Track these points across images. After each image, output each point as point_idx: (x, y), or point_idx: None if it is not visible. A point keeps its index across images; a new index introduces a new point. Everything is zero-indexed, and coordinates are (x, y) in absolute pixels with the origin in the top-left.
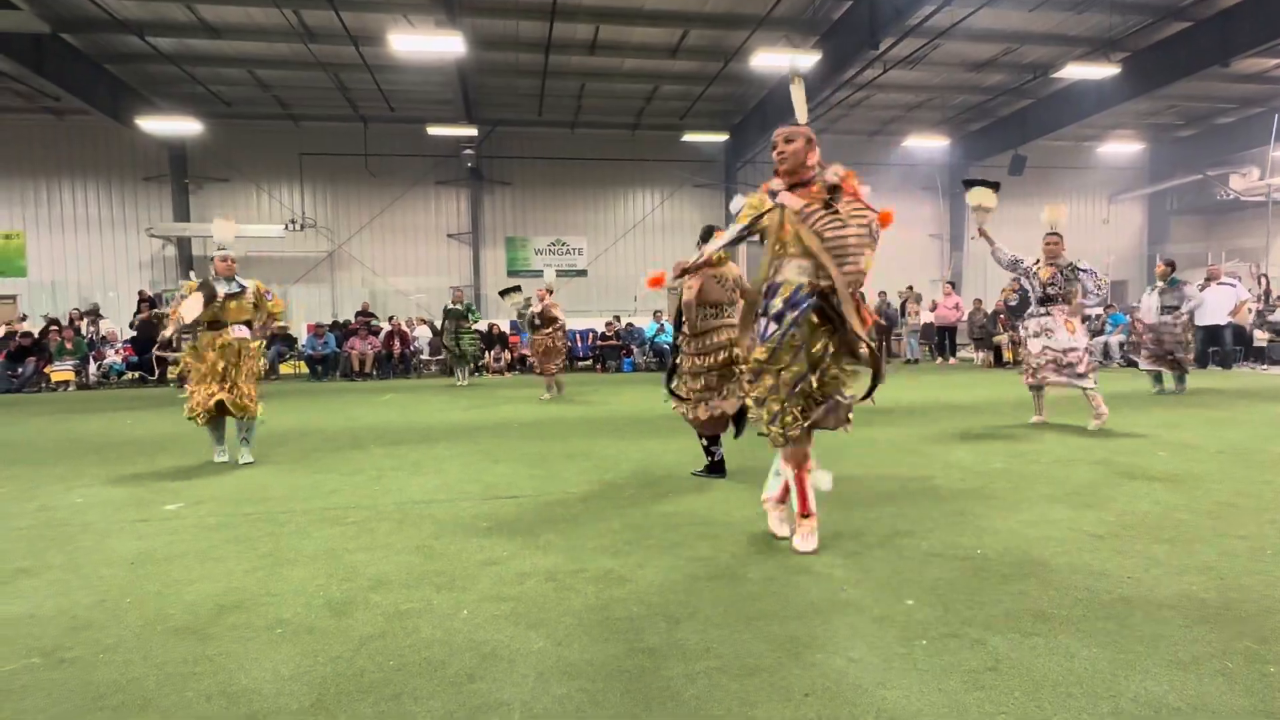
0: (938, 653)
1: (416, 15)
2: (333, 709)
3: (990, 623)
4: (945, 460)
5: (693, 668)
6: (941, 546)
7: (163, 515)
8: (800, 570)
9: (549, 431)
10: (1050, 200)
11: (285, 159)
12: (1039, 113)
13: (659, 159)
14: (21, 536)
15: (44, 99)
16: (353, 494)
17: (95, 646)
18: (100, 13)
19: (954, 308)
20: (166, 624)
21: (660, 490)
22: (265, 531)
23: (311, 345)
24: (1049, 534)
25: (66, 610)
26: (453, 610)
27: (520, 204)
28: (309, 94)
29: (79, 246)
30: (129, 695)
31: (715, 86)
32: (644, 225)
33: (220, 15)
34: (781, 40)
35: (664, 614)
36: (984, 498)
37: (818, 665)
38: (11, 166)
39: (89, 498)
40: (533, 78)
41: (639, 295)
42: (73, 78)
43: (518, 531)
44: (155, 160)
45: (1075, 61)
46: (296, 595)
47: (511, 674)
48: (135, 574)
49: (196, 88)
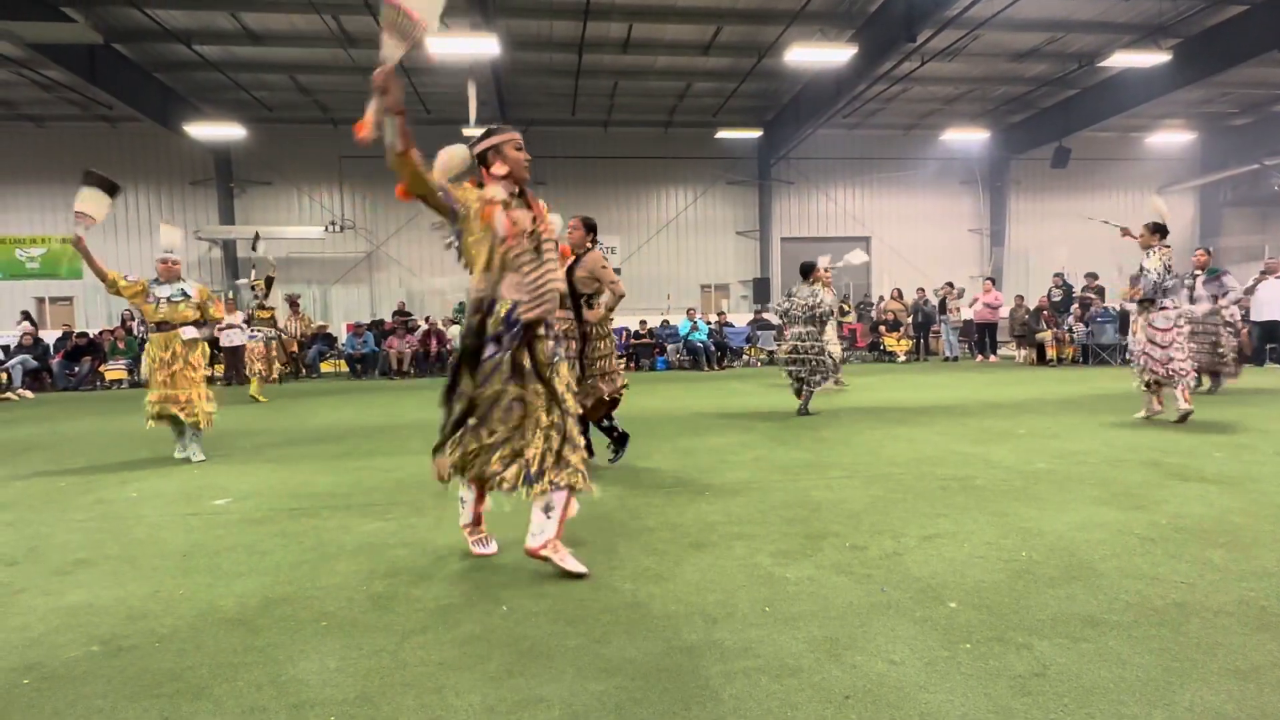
0: (982, 657)
1: (452, 18)
2: (377, 701)
3: (1037, 627)
4: (986, 460)
5: (731, 667)
6: (984, 548)
7: (212, 509)
8: (838, 571)
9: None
10: (1095, 193)
11: (325, 162)
12: (1084, 103)
13: (692, 157)
14: (80, 528)
15: (98, 107)
16: (393, 490)
17: (151, 636)
18: (150, 23)
19: (995, 304)
20: (217, 615)
21: (695, 489)
22: (309, 526)
23: (351, 344)
24: (1097, 537)
25: (123, 600)
26: (492, 606)
27: (554, 203)
28: (348, 98)
29: (130, 249)
30: (183, 683)
31: (748, 83)
32: (677, 223)
33: (263, 23)
34: (816, 34)
35: (701, 613)
36: (1028, 499)
37: (858, 667)
38: (68, 173)
39: (142, 491)
40: (566, 77)
41: (671, 294)
42: (124, 86)
43: None
44: (202, 165)
45: (1123, 49)
46: (340, 589)
47: (550, 670)
48: (187, 566)
49: (240, 94)
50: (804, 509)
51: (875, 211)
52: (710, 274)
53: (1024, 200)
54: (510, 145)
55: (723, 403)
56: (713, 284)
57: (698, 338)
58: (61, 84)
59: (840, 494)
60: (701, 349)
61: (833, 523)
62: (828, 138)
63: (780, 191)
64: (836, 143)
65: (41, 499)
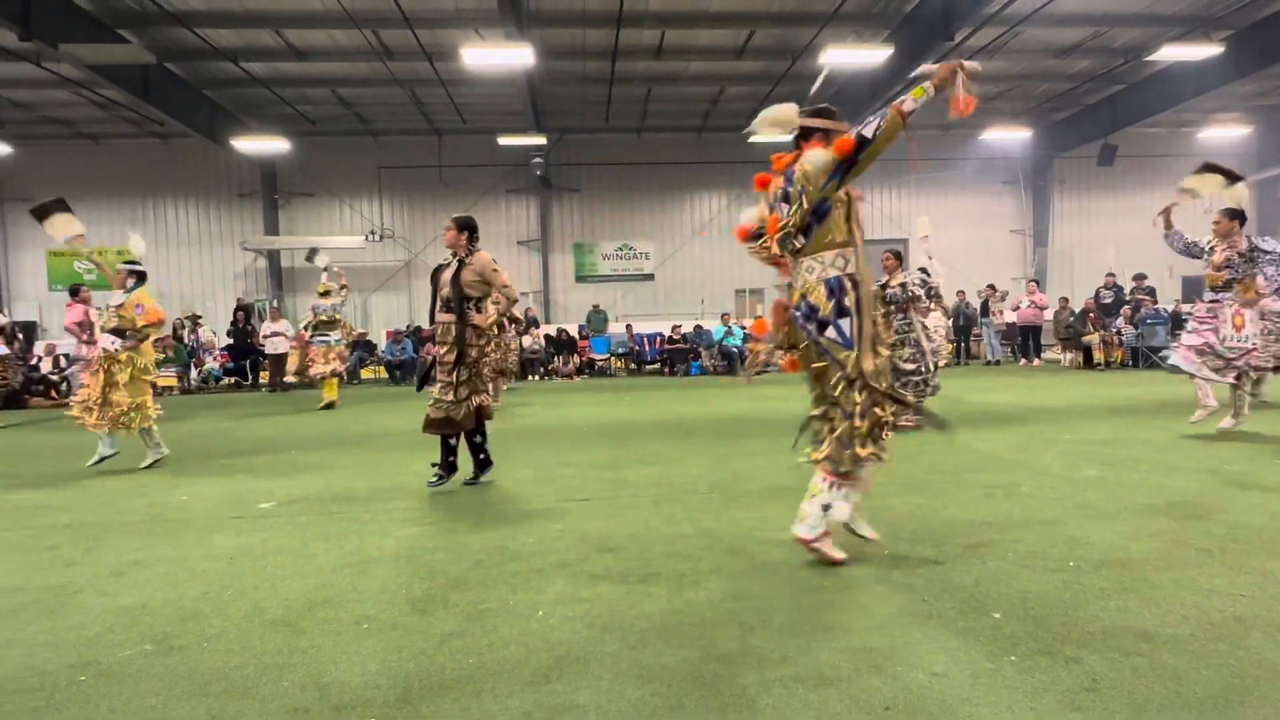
0: (1029, 670)
1: (487, 29)
2: (417, 703)
3: (1086, 640)
4: (1032, 466)
5: (768, 676)
6: (1029, 558)
7: (258, 513)
8: (877, 579)
9: (618, 435)
10: (1144, 191)
11: (365, 172)
12: (1131, 99)
13: (726, 161)
14: (135, 530)
15: (151, 124)
16: (431, 495)
17: (200, 635)
18: (200, 42)
19: (1042, 305)
20: (263, 616)
21: (731, 495)
22: (351, 530)
23: (390, 351)
24: (1150, 547)
25: (175, 601)
26: (528, 611)
27: (587, 210)
28: (387, 110)
29: (181, 260)
30: (231, 683)
31: (782, 86)
32: (711, 228)
33: (306, 39)
34: (851, 36)
35: (737, 620)
36: (1076, 507)
37: (899, 678)
38: (124, 187)
39: (191, 495)
40: (599, 85)
41: (705, 299)
42: (176, 104)
43: (590, 534)
44: (248, 177)
45: (1171, 42)
46: (381, 592)
47: (587, 676)
48: (235, 568)
49: (285, 108)
50: None
51: (913, 213)
52: (745, 279)
53: (1068, 199)
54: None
55: (758, 408)
56: (747, 289)
57: (732, 343)
58: (118, 103)
59: (879, 501)
60: (736, 354)
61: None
62: None
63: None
64: None
65: (97, 501)
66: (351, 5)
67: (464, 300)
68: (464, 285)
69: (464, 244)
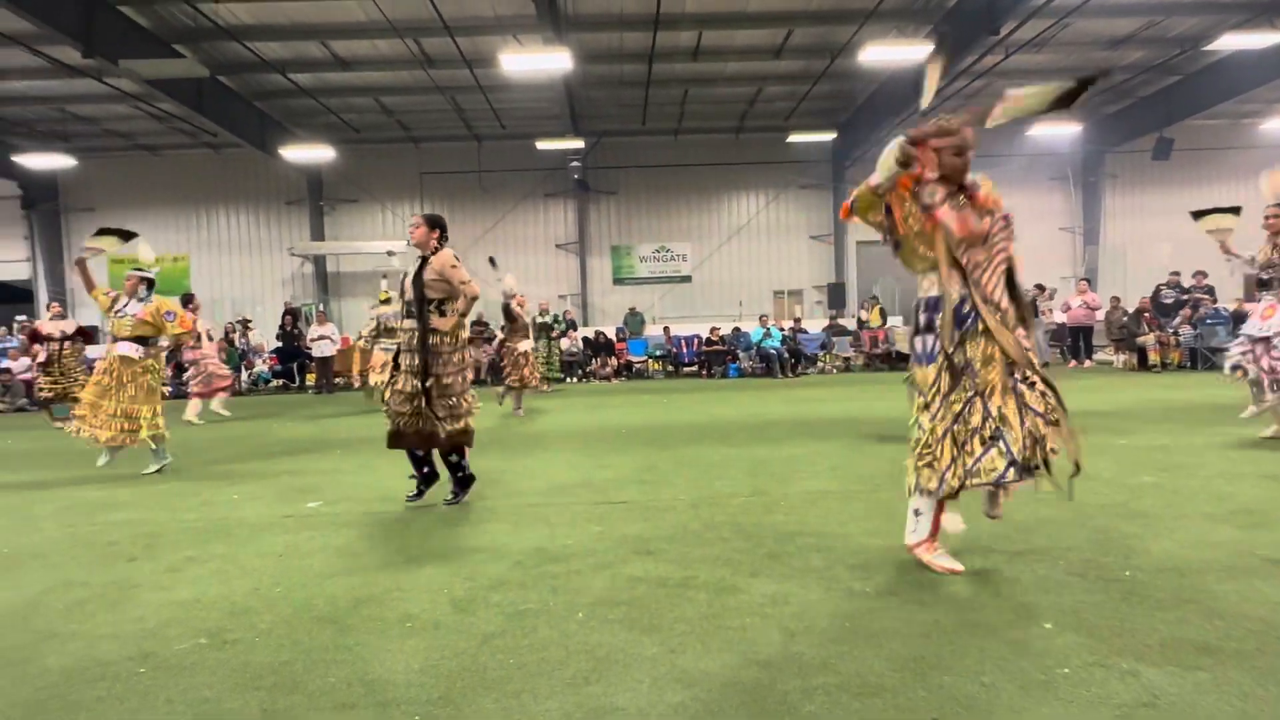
0: (1083, 683)
1: (525, 34)
2: (459, 703)
3: (1144, 653)
4: (1085, 471)
5: (810, 683)
6: (1082, 566)
7: (305, 512)
8: (922, 586)
9: (656, 437)
10: (1202, 185)
11: (407, 179)
12: (1187, 90)
13: (763, 162)
14: (189, 528)
15: (205, 135)
16: (472, 496)
17: (252, 630)
18: (250, 55)
19: (1094, 305)
20: (311, 613)
21: (771, 498)
22: (394, 530)
23: None
24: (1212, 556)
25: (227, 596)
26: (568, 612)
27: (625, 212)
28: (428, 117)
29: (232, 266)
30: (281, 677)
31: (821, 85)
32: (748, 229)
33: (350, 49)
34: (892, 32)
35: (779, 626)
36: (1131, 515)
37: (945, 688)
38: (179, 197)
39: (243, 494)
40: (636, 88)
41: (743, 300)
42: (228, 115)
43: (629, 536)
44: (295, 185)
45: (1231, 31)
46: (423, 591)
47: (627, 679)
48: (283, 565)
49: (330, 117)
50: (885, 521)
51: None
52: (783, 280)
53: (1121, 195)
54: (948, 151)
55: (798, 410)
56: (785, 290)
57: (771, 344)
58: (174, 115)
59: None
60: (775, 356)
61: None
62: None
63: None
64: None
65: (154, 499)
66: (394, 15)
67: (424, 303)
68: (425, 286)
69: (433, 243)
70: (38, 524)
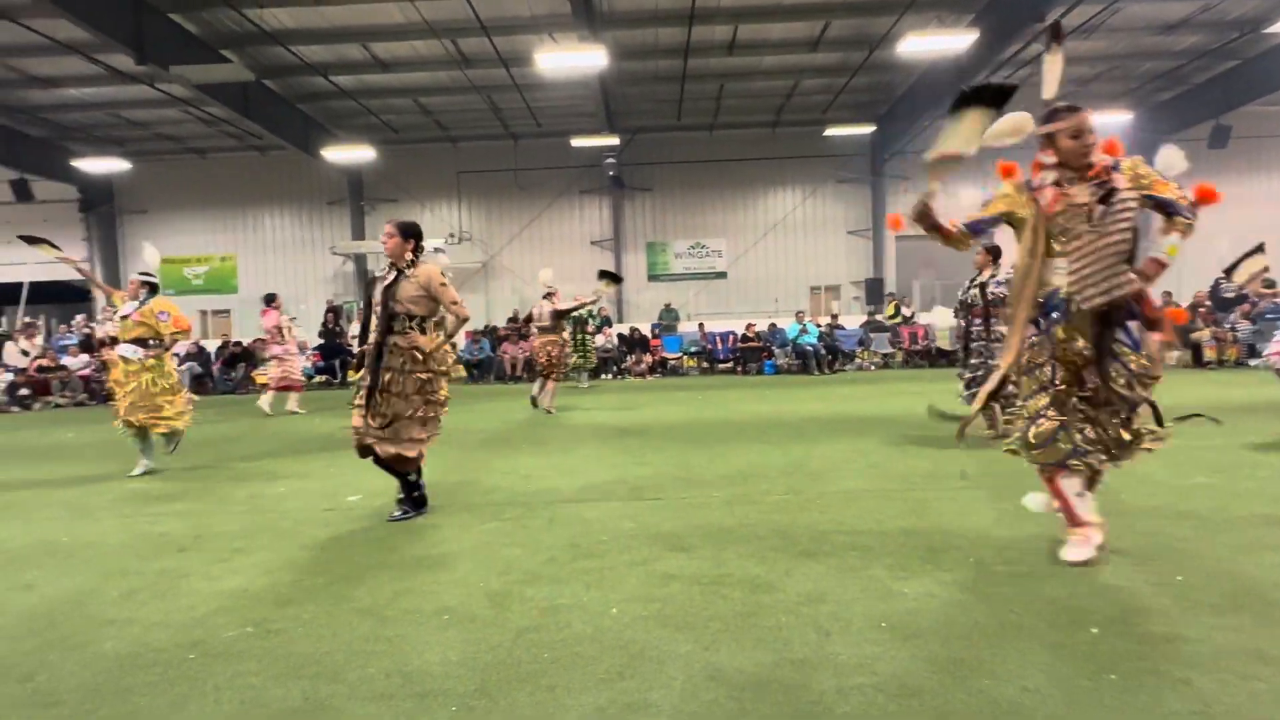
0: (1131, 690)
1: (560, 32)
2: (494, 695)
3: (1196, 660)
4: (1132, 471)
5: (845, 683)
6: (1130, 570)
7: (346, 505)
8: (962, 588)
9: (690, 434)
10: (1260, 174)
11: (445, 178)
12: (1246, 76)
13: (800, 156)
14: (237, 520)
15: (250, 138)
16: (507, 492)
17: (295, 620)
18: (293, 59)
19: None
20: (352, 604)
21: (807, 496)
22: (431, 524)
23: (468, 351)
24: (1270, 561)
25: (273, 587)
26: (602, 608)
27: (660, 209)
28: (465, 116)
29: (277, 265)
30: (323, 667)
31: (859, 77)
32: (784, 224)
33: (390, 51)
34: (933, 22)
35: (813, 625)
36: (1182, 517)
37: (985, 692)
38: (226, 198)
39: (288, 487)
40: (671, 83)
41: (779, 296)
42: (272, 118)
43: (662, 533)
44: (336, 186)
45: None
46: (460, 585)
47: (660, 675)
48: (325, 557)
49: (370, 119)
50: (924, 520)
51: None
52: (820, 275)
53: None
54: (1064, 134)
55: (834, 408)
56: (822, 286)
57: (807, 341)
58: (221, 119)
59: (964, 505)
60: (811, 352)
61: (956, 536)
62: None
63: (895, 188)
64: None
65: (204, 492)
66: (432, 16)
67: (393, 318)
68: (404, 301)
69: (407, 254)
70: (95, 515)
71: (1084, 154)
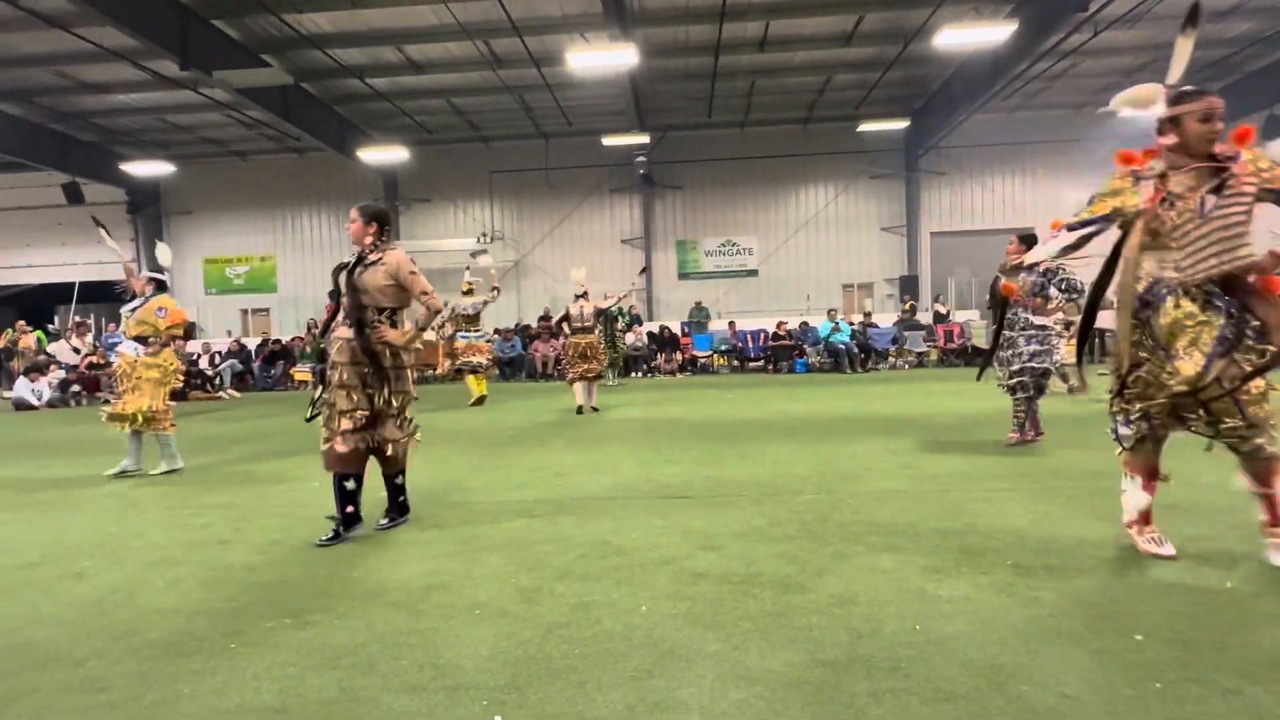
0: (1177, 700)
1: (592, 32)
2: (525, 690)
3: (1248, 670)
4: (1181, 476)
5: (878, 686)
6: (1177, 575)
7: (379, 500)
8: (999, 591)
9: (720, 432)
10: None
11: (477, 178)
12: None
13: (832, 152)
14: (275, 513)
15: (289, 140)
16: (538, 489)
17: (331, 613)
18: (330, 62)
19: None
20: (385, 598)
21: (838, 496)
22: (463, 519)
23: (501, 348)
24: None
25: (309, 579)
26: (632, 606)
27: (690, 207)
28: (497, 116)
29: (315, 265)
30: (358, 659)
31: (894, 71)
32: (816, 221)
33: (424, 53)
34: (969, 14)
35: (845, 626)
36: (1231, 522)
37: (1023, 698)
38: (266, 199)
39: (324, 483)
40: (702, 81)
41: (810, 294)
42: (310, 120)
43: (692, 531)
44: (372, 186)
45: None
46: (491, 580)
47: (689, 674)
48: (360, 551)
49: (404, 120)
50: (959, 521)
51: (1040, 200)
52: (853, 273)
53: None
54: (1192, 117)
55: (867, 407)
56: (855, 283)
57: (839, 339)
58: (261, 122)
59: (1000, 507)
60: (843, 351)
61: (992, 538)
62: (984, 123)
63: (930, 184)
64: (994, 128)
65: (244, 486)
66: (465, 18)
67: (362, 309)
68: (371, 290)
69: (370, 239)
70: (142, 508)
71: (1210, 140)
